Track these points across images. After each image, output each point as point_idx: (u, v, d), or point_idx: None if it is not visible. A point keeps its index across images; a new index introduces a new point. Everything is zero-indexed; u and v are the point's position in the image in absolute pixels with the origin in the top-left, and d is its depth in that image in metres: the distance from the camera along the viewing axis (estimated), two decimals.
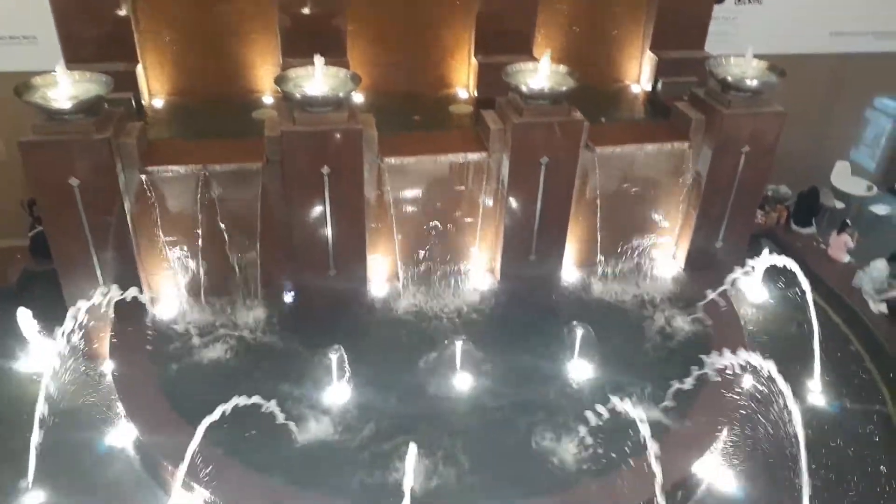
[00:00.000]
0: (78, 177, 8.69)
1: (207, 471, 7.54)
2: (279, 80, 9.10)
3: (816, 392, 9.81)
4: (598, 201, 10.44)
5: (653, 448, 6.85)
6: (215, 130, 10.29)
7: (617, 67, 12.40)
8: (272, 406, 7.95)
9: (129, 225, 9.33)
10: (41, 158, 8.57)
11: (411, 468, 6.64)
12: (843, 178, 15.16)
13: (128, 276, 9.47)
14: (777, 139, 10.18)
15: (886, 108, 15.99)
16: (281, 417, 8.11)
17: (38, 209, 10.46)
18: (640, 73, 12.39)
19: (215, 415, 7.16)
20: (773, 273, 11.08)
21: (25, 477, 8.12)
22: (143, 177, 9.20)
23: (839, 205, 14.59)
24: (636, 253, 11.09)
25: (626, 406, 7.44)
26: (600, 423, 7.90)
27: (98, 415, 9.04)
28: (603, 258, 10.90)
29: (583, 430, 8.22)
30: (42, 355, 9.51)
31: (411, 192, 10.01)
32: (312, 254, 9.68)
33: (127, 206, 9.20)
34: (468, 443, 8.30)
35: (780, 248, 12.21)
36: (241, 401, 7.42)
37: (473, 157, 9.86)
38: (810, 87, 14.41)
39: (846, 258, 12.28)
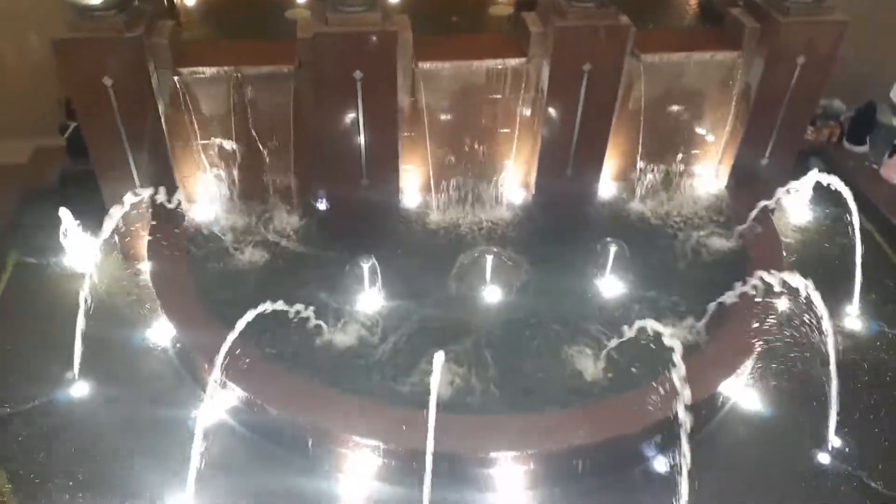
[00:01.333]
0: (111, 76, 8.62)
1: (242, 370, 7.77)
2: None
3: (854, 316, 9.63)
4: (642, 113, 10.04)
5: (679, 365, 6.81)
6: (247, 31, 10.05)
7: None
8: (306, 310, 8.08)
9: (164, 127, 9.30)
10: (74, 57, 8.49)
11: (437, 375, 6.74)
12: None
13: (164, 178, 9.51)
14: (836, 50, 9.56)
15: None
16: (315, 321, 8.26)
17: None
18: None
19: (250, 316, 7.29)
20: (820, 193, 10.69)
21: (71, 369, 8.51)
22: (176, 78, 9.08)
23: None
24: (677, 168, 10.75)
25: (654, 324, 7.37)
26: (628, 339, 7.88)
27: (138, 312, 9.35)
28: (643, 173, 10.60)
29: (610, 345, 8.22)
30: (84, 254, 9.77)
31: (446, 100, 9.74)
32: (345, 163, 9.59)
33: (161, 107, 9.14)
34: (495, 353, 8.39)
35: (830, 167, 11.70)
36: (276, 305, 7.54)
37: (512, 62, 9.48)
38: None
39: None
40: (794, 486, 7.80)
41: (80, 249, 10.01)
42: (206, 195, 10.22)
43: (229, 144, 9.67)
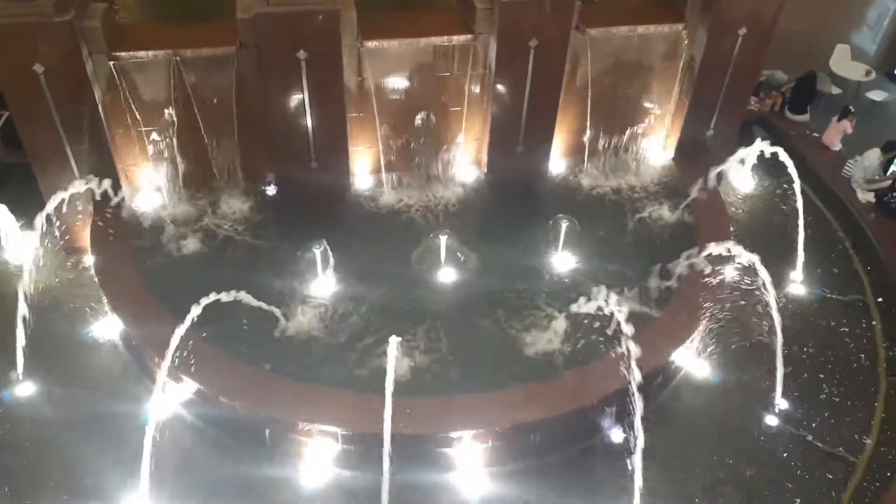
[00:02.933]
0: (42, 63, 8.27)
1: (194, 361, 7.63)
2: None
3: (798, 282, 9.91)
4: (589, 88, 10.07)
5: (628, 336, 6.92)
6: (185, 12, 9.73)
7: None
8: (257, 299, 7.95)
9: (102, 115, 8.98)
10: (1, 43, 8.10)
11: (393, 360, 6.73)
12: (842, 62, 14.67)
13: (104, 167, 9.22)
14: (776, 20, 9.73)
15: None
16: (266, 309, 8.14)
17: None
18: None
19: (200, 307, 7.15)
20: (763, 162, 10.93)
21: (15, 369, 8.25)
22: (112, 63, 8.76)
23: (836, 90, 14.20)
24: (625, 142, 10.84)
25: (605, 297, 7.46)
26: (580, 313, 7.97)
27: (83, 307, 9.09)
28: (591, 148, 10.66)
29: (563, 320, 8.30)
30: (22, 249, 9.43)
31: (393, 79, 9.61)
32: (292, 145, 9.41)
33: (97, 94, 8.82)
34: (450, 334, 8.40)
35: (773, 136, 11.94)
36: (225, 294, 7.40)
37: (459, 39, 9.39)
38: None
39: (839, 146, 12.08)
40: (743, 447, 8.05)
41: (19, 244, 9.66)
42: (149, 183, 9.93)
43: (171, 130, 9.39)
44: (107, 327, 8.85)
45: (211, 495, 7.34)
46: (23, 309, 8.08)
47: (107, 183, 8.88)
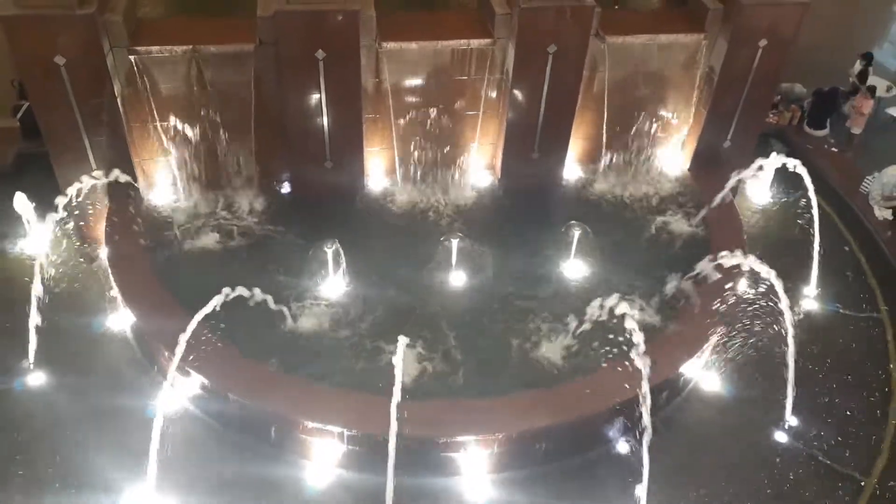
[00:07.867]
0: (64, 55, 8.34)
1: (203, 358, 7.65)
2: None
3: (812, 297, 9.82)
4: (606, 95, 10.04)
5: (640, 346, 6.87)
6: (205, 6, 9.78)
7: None
8: (268, 296, 7.96)
9: (120, 108, 9.04)
10: (24, 34, 8.19)
11: (400, 360, 6.72)
12: None
13: (121, 160, 9.28)
14: (797, 33, 9.66)
15: None
16: (276, 307, 8.15)
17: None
18: None
19: (213, 303, 7.16)
20: (780, 175, 10.84)
21: (26, 357, 8.31)
22: (132, 57, 8.82)
23: None
24: (642, 151, 10.79)
25: (615, 306, 7.40)
26: (590, 321, 7.92)
27: (95, 298, 9.14)
28: (607, 156, 10.63)
29: (573, 328, 8.26)
30: (39, 239, 9.49)
31: (410, 81, 9.62)
32: (308, 144, 9.44)
33: (117, 88, 8.89)
34: (460, 337, 8.38)
35: (790, 150, 11.87)
36: (237, 290, 7.41)
37: (477, 43, 9.38)
38: None
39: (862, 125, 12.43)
40: (752, 464, 7.97)
41: (35, 234, 9.73)
42: (165, 178, 9.98)
43: (189, 126, 9.44)
44: (118, 320, 8.89)
45: (216, 489, 7.35)
46: (36, 298, 8.13)
47: (123, 176, 8.94)
